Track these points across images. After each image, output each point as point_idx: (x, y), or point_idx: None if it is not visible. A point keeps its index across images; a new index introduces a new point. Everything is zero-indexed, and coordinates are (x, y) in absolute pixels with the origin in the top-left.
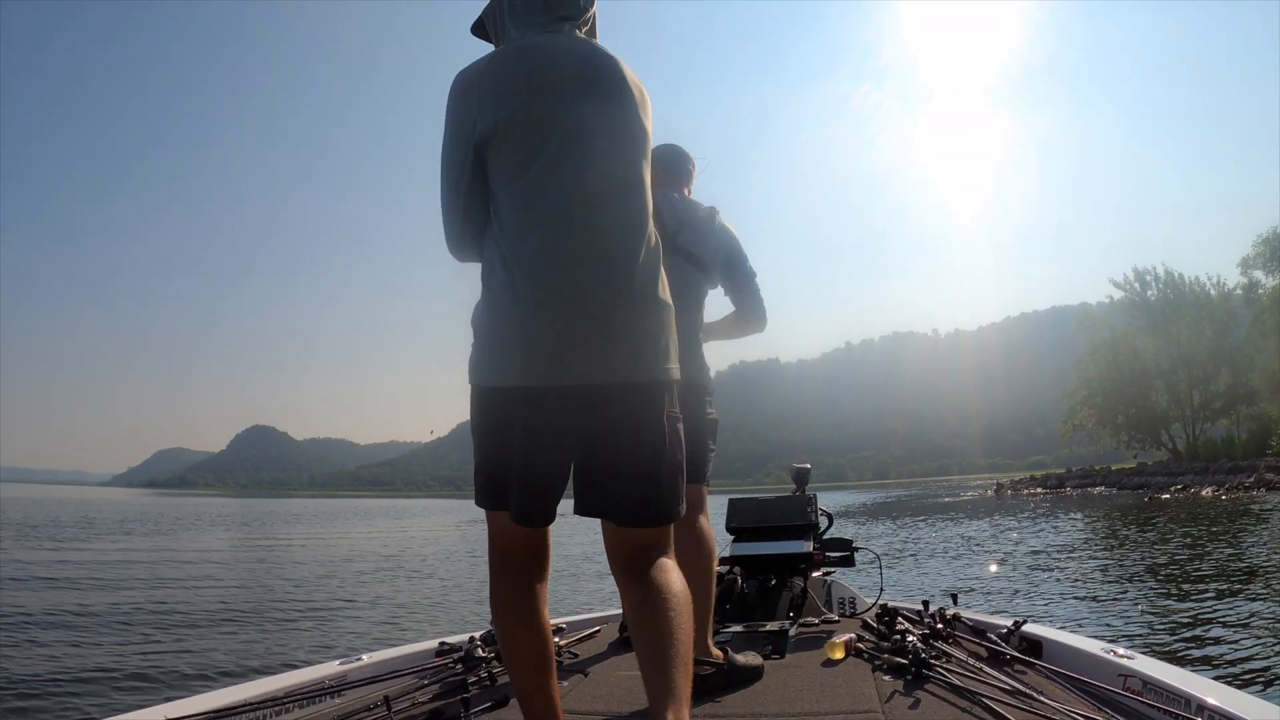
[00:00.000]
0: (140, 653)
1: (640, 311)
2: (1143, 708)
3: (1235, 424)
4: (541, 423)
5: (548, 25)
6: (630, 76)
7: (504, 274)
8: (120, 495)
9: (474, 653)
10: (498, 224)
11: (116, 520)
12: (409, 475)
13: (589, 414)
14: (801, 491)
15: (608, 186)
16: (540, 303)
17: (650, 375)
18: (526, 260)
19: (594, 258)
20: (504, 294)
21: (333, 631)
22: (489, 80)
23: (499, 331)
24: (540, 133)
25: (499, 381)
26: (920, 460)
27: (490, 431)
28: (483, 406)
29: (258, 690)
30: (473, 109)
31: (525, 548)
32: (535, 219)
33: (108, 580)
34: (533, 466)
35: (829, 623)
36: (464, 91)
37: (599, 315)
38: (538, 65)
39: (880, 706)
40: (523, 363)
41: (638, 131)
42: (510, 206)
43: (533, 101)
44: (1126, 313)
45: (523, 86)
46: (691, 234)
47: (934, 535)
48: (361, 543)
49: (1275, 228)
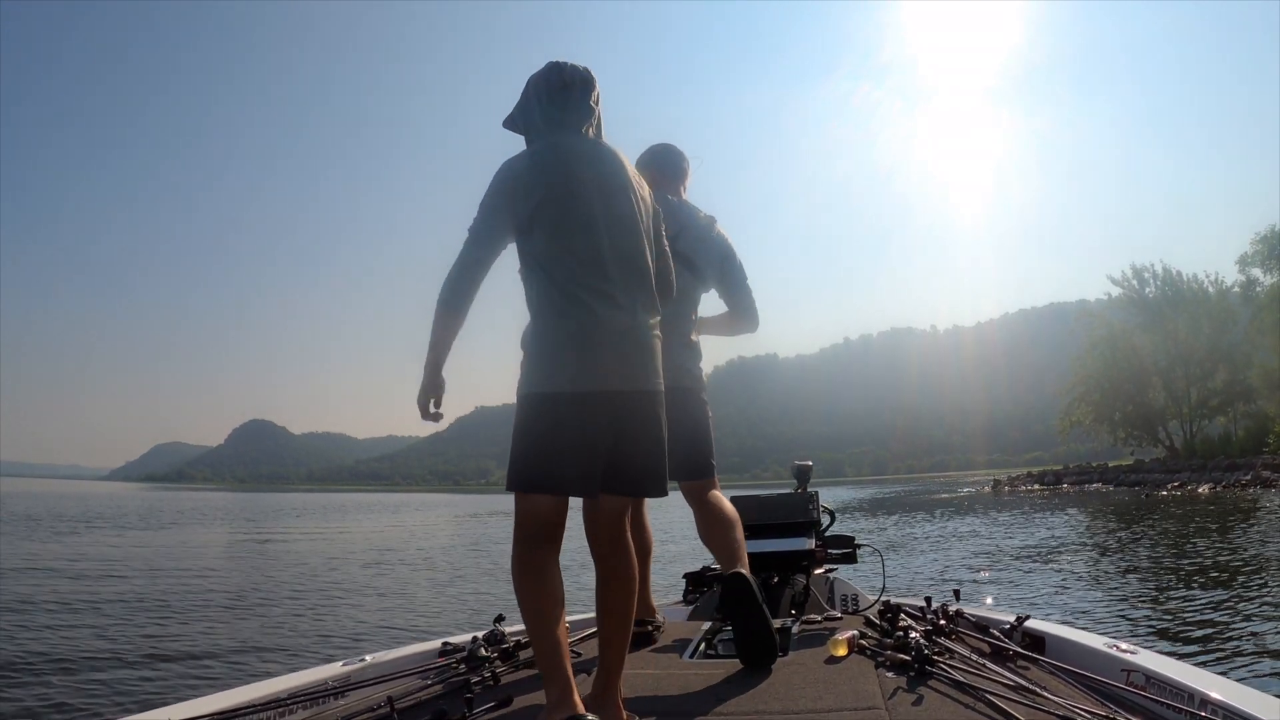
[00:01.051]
0: (143, 654)
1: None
2: (1146, 703)
3: (1233, 421)
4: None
5: (568, 129)
6: (629, 165)
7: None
8: (118, 490)
9: (477, 653)
10: (545, 275)
11: (116, 515)
12: (407, 470)
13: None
14: (803, 489)
15: (628, 229)
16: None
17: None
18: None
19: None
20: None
21: (334, 631)
22: (532, 171)
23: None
24: (572, 209)
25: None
26: (919, 456)
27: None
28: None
29: (262, 692)
30: (519, 192)
31: (546, 525)
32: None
33: (107, 578)
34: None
35: (832, 620)
36: (512, 177)
37: None
38: (564, 160)
39: (884, 703)
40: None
41: (639, 200)
42: (556, 263)
43: (569, 186)
44: (1124, 310)
45: (558, 178)
46: (691, 239)
47: (931, 531)
48: (361, 538)
49: (1273, 225)
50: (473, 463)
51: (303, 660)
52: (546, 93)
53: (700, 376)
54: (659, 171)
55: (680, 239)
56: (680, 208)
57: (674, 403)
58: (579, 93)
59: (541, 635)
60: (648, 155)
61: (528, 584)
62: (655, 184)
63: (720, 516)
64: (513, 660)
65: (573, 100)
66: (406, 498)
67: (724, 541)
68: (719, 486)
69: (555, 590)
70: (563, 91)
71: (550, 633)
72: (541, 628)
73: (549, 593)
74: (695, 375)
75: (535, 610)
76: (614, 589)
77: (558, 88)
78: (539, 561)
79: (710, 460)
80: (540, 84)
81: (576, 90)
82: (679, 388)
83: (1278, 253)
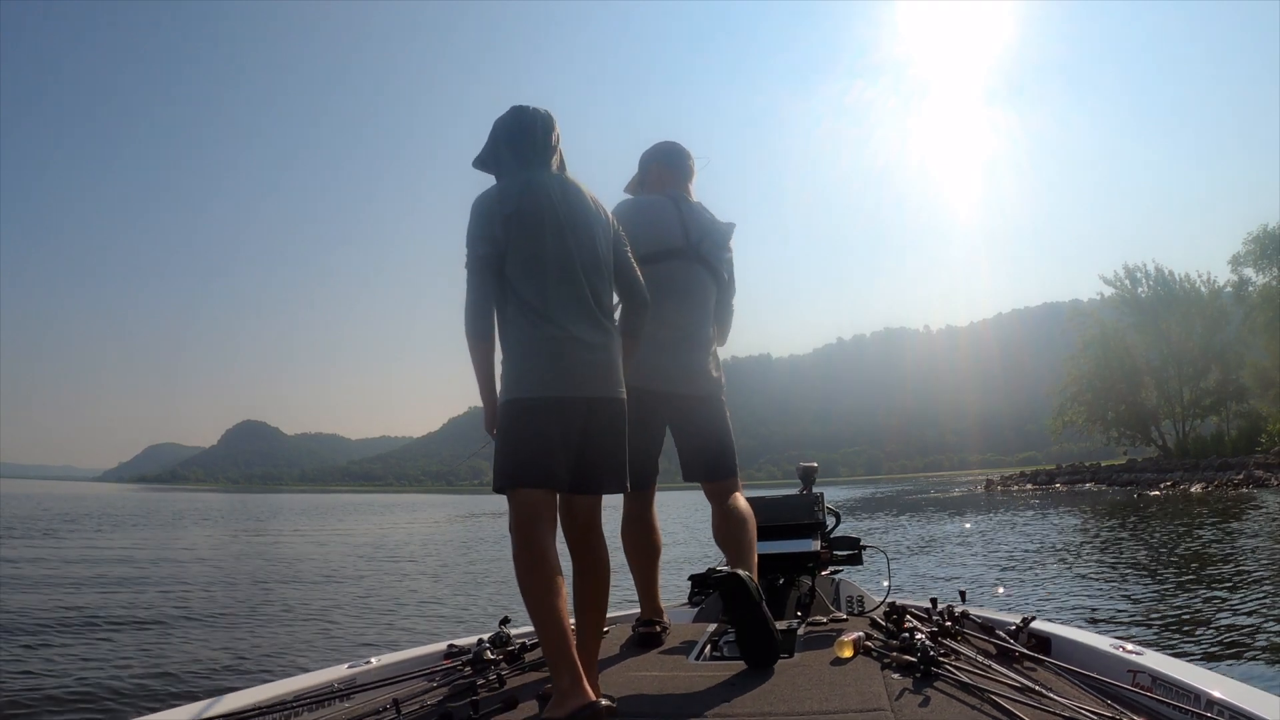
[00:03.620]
0: (143, 657)
1: None
2: (1152, 704)
3: (1225, 421)
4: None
5: (533, 166)
6: (589, 193)
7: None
8: (111, 491)
9: (483, 655)
10: (515, 293)
11: (111, 516)
12: (400, 470)
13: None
14: (808, 490)
15: (595, 255)
16: None
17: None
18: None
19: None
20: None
21: (339, 633)
22: (501, 201)
23: None
24: (538, 234)
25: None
26: (912, 456)
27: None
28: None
29: (266, 694)
30: (494, 217)
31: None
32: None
33: (105, 580)
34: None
35: (837, 621)
36: (485, 206)
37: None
38: (530, 189)
39: (889, 705)
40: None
41: (602, 220)
42: (527, 283)
43: (537, 214)
44: (1117, 309)
45: (527, 204)
46: (712, 246)
47: (926, 532)
48: (360, 539)
49: (1265, 225)
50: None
51: (307, 662)
52: (510, 135)
53: (722, 381)
54: (666, 168)
55: (703, 244)
56: (701, 212)
57: (704, 409)
58: (541, 132)
59: (547, 623)
60: (655, 151)
61: (529, 575)
62: (662, 180)
63: (736, 516)
64: (519, 663)
65: (536, 140)
66: (400, 498)
67: (735, 540)
68: (740, 488)
69: (556, 579)
70: (527, 133)
71: (556, 620)
72: (546, 615)
73: (550, 581)
74: (719, 381)
75: (539, 600)
76: (592, 581)
77: (522, 129)
78: (538, 551)
79: (734, 462)
80: (505, 127)
81: (539, 130)
82: (708, 395)
83: (1270, 252)
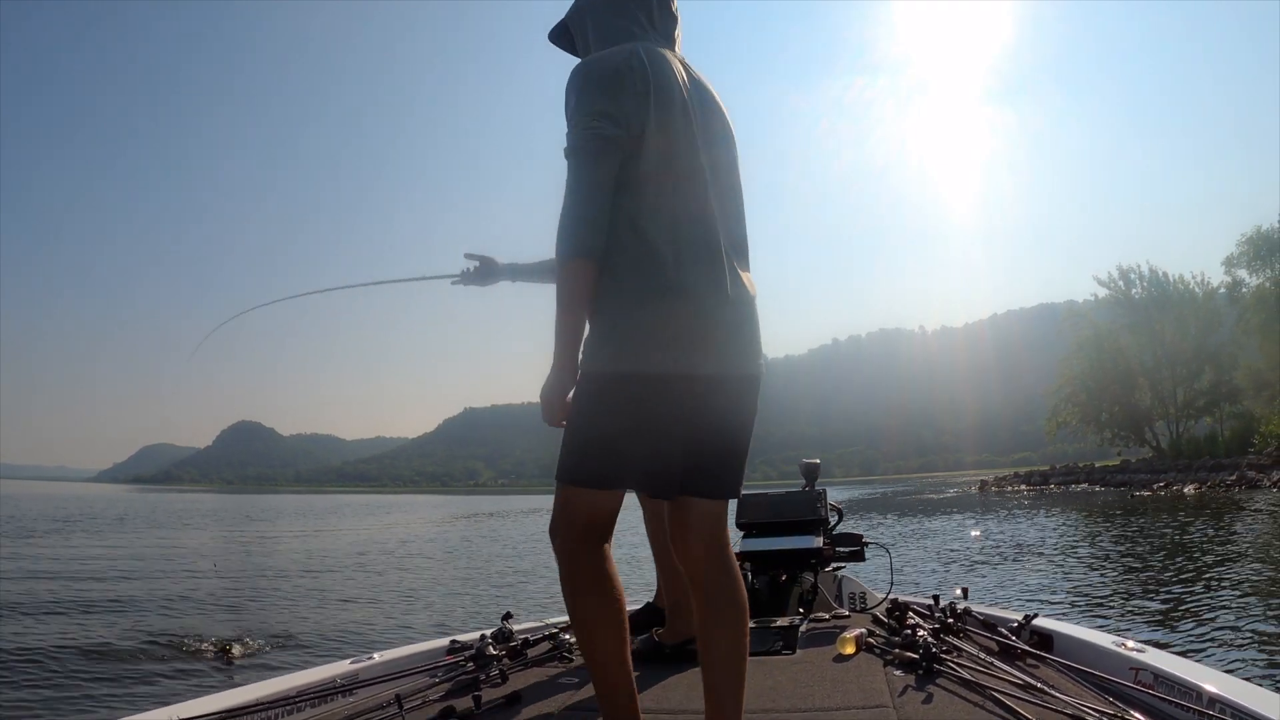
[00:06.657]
0: (146, 654)
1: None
2: (1154, 701)
3: (1219, 421)
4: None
5: (666, 40)
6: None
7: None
8: (106, 491)
9: (485, 651)
10: (638, 211)
11: (107, 516)
12: (395, 471)
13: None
14: (811, 486)
15: (732, 184)
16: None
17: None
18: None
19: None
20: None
21: (342, 628)
22: (642, 69)
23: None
24: (680, 144)
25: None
26: (908, 457)
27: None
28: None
29: (269, 690)
30: (631, 86)
31: (610, 522)
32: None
33: (104, 579)
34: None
35: (840, 618)
36: (614, 71)
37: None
38: (674, 75)
39: (892, 701)
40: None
41: (732, 131)
42: (659, 198)
43: (684, 113)
44: (1111, 310)
45: (675, 94)
46: None
47: (921, 530)
48: (358, 538)
49: (1259, 226)
50: (461, 464)
51: (311, 658)
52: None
53: None
54: None
55: None
56: None
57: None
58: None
59: (605, 664)
60: None
61: (589, 600)
62: None
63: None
64: (521, 658)
65: (667, 2)
66: (396, 499)
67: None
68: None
69: (620, 607)
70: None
71: (618, 661)
72: (605, 655)
73: (614, 610)
74: None
75: (598, 633)
76: (732, 623)
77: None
78: (601, 569)
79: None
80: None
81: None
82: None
83: (1264, 254)
